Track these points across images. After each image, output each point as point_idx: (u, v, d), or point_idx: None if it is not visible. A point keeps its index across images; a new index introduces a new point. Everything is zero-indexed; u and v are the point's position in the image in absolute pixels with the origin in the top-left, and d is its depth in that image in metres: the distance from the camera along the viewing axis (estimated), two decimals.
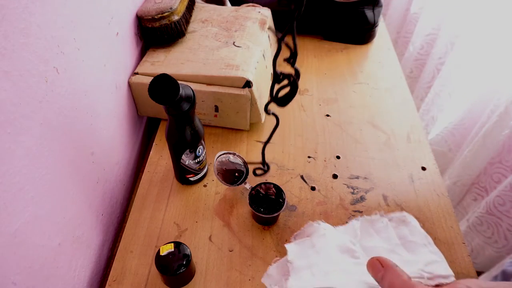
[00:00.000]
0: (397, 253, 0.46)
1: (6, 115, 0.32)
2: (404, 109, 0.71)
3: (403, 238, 0.48)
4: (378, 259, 0.35)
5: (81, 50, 0.45)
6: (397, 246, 0.47)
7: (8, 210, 0.33)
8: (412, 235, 0.48)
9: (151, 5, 0.63)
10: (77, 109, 0.45)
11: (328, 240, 0.45)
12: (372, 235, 0.48)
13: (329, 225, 0.49)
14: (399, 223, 0.49)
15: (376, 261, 0.35)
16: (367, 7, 0.82)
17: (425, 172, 0.61)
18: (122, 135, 0.61)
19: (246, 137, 0.66)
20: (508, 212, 0.74)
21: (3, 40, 0.31)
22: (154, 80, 0.42)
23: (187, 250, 0.46)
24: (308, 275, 0.41)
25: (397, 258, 0.44)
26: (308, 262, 0.43)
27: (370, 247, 0.46)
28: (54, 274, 0.42)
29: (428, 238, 0.47)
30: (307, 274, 0.41)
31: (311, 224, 0.48)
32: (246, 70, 0.60)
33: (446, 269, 0.43)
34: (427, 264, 0.43)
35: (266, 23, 0.72)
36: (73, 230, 0.46)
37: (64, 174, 0.43)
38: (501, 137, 0.78)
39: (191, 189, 0.58)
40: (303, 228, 0.50)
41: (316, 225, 0.48)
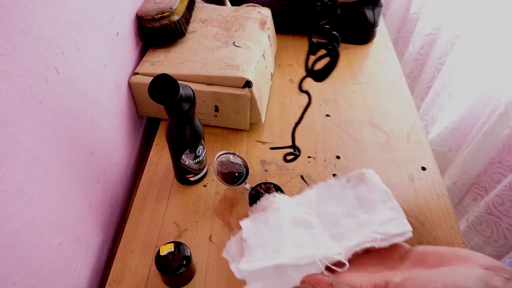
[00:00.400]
0: (354, 215, 0.44)
1: (6, 115, 0.32)
2: (404, 109, 0.71)
3: (361, 198, 0.46)
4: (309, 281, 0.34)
5: (81, 50, 0.45)
6: (354, 208, 0.45)
7: (8, 210, 0.33)
8: (371, 193, 0.45)
9: (151, 5, 0.63)
10: (77, 109, 0.45)
11: (281, 215, 0.44)
12: (329, 201, 0.46)
13: (285, 196, 0.48)
14: (358, 182, 0.47)
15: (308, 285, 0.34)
16: (367, 7, 0.82)
17: (425, 172, 0.61)
18: (122, 135, 0.61)
19: (246, 137, 0.66)
20: (507, 212, 0.74)
21: (3, 40, 0.31)
22: (154, 80, 0.42)
23: (187, 250, 0.46)
24: (261, 254, 0.40)
25: (353, 221, 0.43)
26: (261, 240, 0.42)
27: (326, 213, 0.45)
28: (54, 274, 0.42)
29: (388, 194, 0.45)
30: (260, 253, 0.40)
31: (267, 197, 0.47)
32: (246, 70, 0.60)
33: (403, 225, 0.41)
34: (382, 224, 0.41)
35: (266, 23, 0.72)
36: (73, 230, 0.46)
37: (64, 174, 0.43)
38: (501, 137, 0.78)
39: (191, 189, 0.58)
40: (259, 202, 0.48)
41: (272, 198, 0.46)
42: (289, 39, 0.85)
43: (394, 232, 0.39)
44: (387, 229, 0.40)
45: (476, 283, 0.28)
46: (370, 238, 0.39)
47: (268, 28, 0.72)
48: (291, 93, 0.74)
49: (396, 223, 0.41)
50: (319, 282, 0.33)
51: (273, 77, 0.75)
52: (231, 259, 0.42)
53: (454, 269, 0.30)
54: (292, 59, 0.81)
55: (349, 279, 0.36)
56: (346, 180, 0.48)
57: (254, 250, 0.41)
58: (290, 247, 0.40)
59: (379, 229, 0.40)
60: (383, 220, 0.42)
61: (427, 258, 0.34)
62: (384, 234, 0.40)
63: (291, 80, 0.76)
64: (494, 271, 0.28)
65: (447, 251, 0.34)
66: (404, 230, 0.40)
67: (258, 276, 0.39)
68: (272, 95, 0.73)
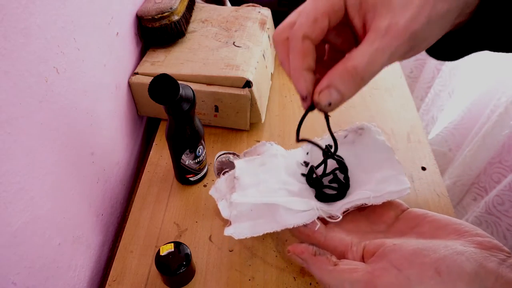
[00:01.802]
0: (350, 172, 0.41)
1: (6, 115, 0.32)
2: (404, 109, 0.71)
3: (358, 155, 0.42)
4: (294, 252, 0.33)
5: (81, 50, 0.45)
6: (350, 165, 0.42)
7: (8, 210, 0.33)
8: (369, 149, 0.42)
9: (151, 5, 0.63)
10: (77, 109, 0.45)
11: (279, 161, 0.42)
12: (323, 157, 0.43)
13: (281, 147, 0.45)
14: (356, 138, 0.43)
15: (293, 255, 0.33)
16: None
17: (425, 172, 0.61)
18: (122, 135, 0.61)
19: (246, 137, 0.66)
20: (507, 212, 0.74)
21: (3, 40, 0.31)
22: (154, 80, 0.42)
23: (187, 250, 0.46)
24: (254, 191, 0.38)
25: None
26: (256, 179, 0.40)
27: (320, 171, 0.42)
28: (54, 274, 0.42)
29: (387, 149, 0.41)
30: (253, 191, 0.38)
31: (264, 144, 0.44)
32: (246, 70, 0.60)
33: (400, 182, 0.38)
34: (378, 183, 0.38)
35: (266, 23, 0.72)
36: (73, 230, 0.46)
37: (64, 174, 0.43)
38: (501, 137, 0.78)
39: (191, 189, 0.58)
40: (254, 146, 0.45)
41: (269, 145, 0.44)
42: None
43: (390, 189, 0.37)
44: (383, 187, 0.37)
45: (468, 262, 0.26)
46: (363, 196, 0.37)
47: (268, 28, 0.72)
48: (291, 93, 0.74)
49: (393, 180, 0.38)
50: (303, 252, 0.32)
51: (273, 77, 0.75)
52: (220, 197, 0.40)
53: (447, 244, 0.28)
54: None
55: (340, 237, 0.34)
56: (344, 136, 0.44)
57: (246, 188, 0.38)
58: (285, 191, 0.38)
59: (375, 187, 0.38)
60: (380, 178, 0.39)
61: (422, 225, 0.32)
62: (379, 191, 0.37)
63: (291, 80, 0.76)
64: (489, 251, 0.27)
65: (445, 221, 0.31)
66: (401, 188, 0.37)
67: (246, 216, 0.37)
68: (272, 95, 0.73)
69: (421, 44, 0.28)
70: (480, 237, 0.28)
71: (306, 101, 0.29)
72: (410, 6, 0.25)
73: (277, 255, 0.50)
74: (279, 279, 0.48)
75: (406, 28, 0.25)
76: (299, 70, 0.29)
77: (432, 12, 0.26)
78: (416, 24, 0.26)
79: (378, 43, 0.25)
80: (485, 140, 0.81)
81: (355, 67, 0.26)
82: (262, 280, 0.48)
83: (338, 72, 0.26)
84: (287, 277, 0.48)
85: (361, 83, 0.27)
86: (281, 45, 0.30)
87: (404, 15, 0.25)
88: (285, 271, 0.49)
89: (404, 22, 0.25)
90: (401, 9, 0.25)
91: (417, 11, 0.25)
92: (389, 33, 0.25)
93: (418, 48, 0.28)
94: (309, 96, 0.29)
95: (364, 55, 0.25)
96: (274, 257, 0.50)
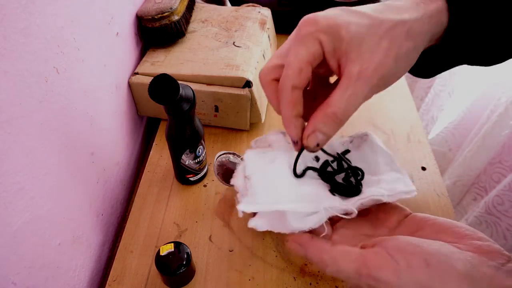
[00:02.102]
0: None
1: (6, 115, 0.32)
2: (404, 109, 0.71)
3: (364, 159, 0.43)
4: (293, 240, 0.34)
5: (81, 50, 0.45)
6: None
7: (8, 210, 0.33)
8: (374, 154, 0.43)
9: (151, 5, 0.63)
10: (77, 109, 0.45)
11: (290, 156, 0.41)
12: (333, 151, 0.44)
13: None
14: (361, 143, 0.45)
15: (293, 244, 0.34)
16: None
17: (425, 172, 0.61)
18: (122, 135, 0.61)
19: (246, 137, 0.66)
20: (507, 212, 0.74)
21: (3, 40, 0.31)
22: (154, 80, 0.42)
23: (187, 250, 0.46)
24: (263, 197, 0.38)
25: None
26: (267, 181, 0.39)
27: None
28: (54, 274, 0.42)
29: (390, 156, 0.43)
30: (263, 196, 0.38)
31: (276, 133, 0.44)
32: (246, 70, 0.60)
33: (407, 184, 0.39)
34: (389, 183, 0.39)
35: (266, 23, 0.72)
36: (73, 230, 0.46)
37: (64, 174, 0.43)
38: (501, 137, 0.78)
39: (191, 189, 0.58)
40: (265, 135, 0.45)
41: (281, 135, 0.44)
42: None
43: (401, 189, 0.38)
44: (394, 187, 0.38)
45: (461, 261, 0.26)
46: (377, 193, 0.37)
47: (268, 28, 0.72)
48: None
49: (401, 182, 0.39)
50: (301, 237, 0.34)
51: None
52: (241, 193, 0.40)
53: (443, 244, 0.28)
54: None
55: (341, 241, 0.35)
56: (350, 140, 0.45)
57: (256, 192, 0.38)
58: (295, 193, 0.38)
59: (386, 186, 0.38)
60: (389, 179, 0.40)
61: (424, 229, 0.32)
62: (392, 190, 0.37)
63: None
64: (488, 255, 0.26)
65: (446, 225, 0.31)
66: (409, 189, 0.38)
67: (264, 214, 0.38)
68: None
69: (391, 80, 0.32)
70: (480, 241, 0.28)
71: (297, 145, 0.34)
72: (377, 51, 0.29)
73: (277, 255, 0.50)
74: (279, 279, 0.48)
75: (375, 72, 0.29)
76: (289, 118, 0.32)
77: (399, 52, 0.30)
78: (384, 67, 0.29)
79: (351, 89, 0.29)
80: (485, 140, 0.81)
81: (334, 113, 0.30)
82: (262, 280, 0.48)
83: (320, 117, 0.30)
84: (287, 277, 0.48)
85: (341, 123, 0.31)
86: (267, 86, 0.34)
87: (373, 61, 0.29)
88: (285, 271, 0.49)
89: (373, 67, 0.29)
90: (369, 55, 0.29)
91: (385, 55, 0.29)
92: (360, 78, 0.29)
93: (389, 83, 0.32)
94: (299, 141, 0.33)
95: (341, 102, 0.29)
96: (274, 257, 0.50)
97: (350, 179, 0.40)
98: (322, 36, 0.30)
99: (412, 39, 0.30)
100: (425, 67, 0.39)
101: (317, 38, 0.30)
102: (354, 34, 0.29)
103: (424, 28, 0.31)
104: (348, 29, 0.29)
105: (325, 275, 0.49)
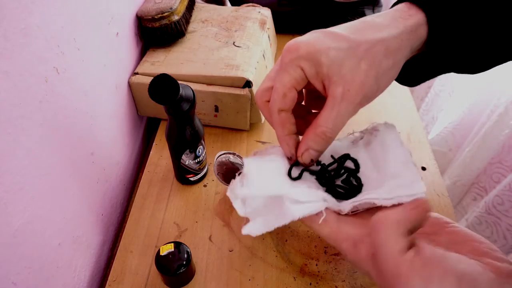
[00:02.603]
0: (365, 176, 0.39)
1: (6, 115, 0.32)
2: (404, 109, 0.71)
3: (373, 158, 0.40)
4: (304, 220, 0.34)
5: (81, 50, 0.45)
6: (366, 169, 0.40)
7: (8, 210, 0.33)
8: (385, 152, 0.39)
9: (151, 5, 0.63)
10: (77, 109, 0.45)
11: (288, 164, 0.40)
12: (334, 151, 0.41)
13: None
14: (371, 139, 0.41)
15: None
16: (367, 7, 0.82)
17: (425, 172, 0.61)
18: (122, 135, 0.61)
19: (246, 137, 0.66)
20: (507, 212, 0.74)
21: (3, 40, 0.31)
22: (154, 80, 0.42)
23: (187, 250, 0.46)
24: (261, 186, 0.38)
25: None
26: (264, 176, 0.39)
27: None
28: (54, 274, 0.42)
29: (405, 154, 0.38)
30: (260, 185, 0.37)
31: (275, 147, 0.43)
32: (246, 70, 0.60)
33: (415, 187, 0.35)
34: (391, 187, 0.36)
35: (266, 23, 0.72)
36: (73, 230, 0.46)
37: (64, 174, 0.43)
38: (501, 137, 0.78)
39: (191, 189, 0.58)
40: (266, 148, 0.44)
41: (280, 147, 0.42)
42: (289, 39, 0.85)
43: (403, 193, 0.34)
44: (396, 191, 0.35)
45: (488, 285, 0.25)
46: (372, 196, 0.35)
47: (268, 28, 0.72)
48: None
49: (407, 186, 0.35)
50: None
51: None
52: (235, 196, 0.41)
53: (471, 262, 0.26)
54: None
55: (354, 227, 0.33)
56: (360, 137, 0.43)
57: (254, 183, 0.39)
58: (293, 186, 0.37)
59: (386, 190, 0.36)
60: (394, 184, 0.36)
61: (440, 234, 0.31)
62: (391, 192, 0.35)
63: None
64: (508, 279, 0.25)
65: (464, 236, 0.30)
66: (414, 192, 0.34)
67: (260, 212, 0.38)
68: None
69: (374, 96, 0.34)
70: (499, 262, 0.27)
71: (291, 160, 0.36)
72: (358, 73, 0.31)
73: (277, 255, 0.50)
74: (279, 279, 0.48)
75: (357, 92, 0.31)
76: (282, 137, 0.35)
77: (379, 71, 0.31)
78: (366, 87, 0.31)
79: (337, 109, 0.31)
80: (485, 140, 0.81)
81: (323, 132, 0.33)
82: (262, 280, 0.48)
83: (311, 137, 0.33)
84: (287, 277, 0.48)
85: (330, 140, 0.34)
86: (262, 107, 0.36)
87: (354, 82, 0.31)
88: (285, 271, 0.49)
89: (355, 88, 0.31)
90: (351, 77, 0.31)
91: (365, 75, 0.31)
92: (344, 99, 0.31)
93: (372, 99, 0.34)
94: (293, 157, 0.36)
95: (328, 121, 0.32)
96: (274, 257, 0.50)
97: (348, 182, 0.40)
98: (303, 62, 0.32)
99: (391, 56, 0.31)
100: (410, 76, 0.40)
101: (298, 65, 0.32)
102: (333, 59, 0.31)
103: (403, 44, 0.32)
104: (328, 55, 0.31)
105: (325, 275, 0.49)
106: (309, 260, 0.50)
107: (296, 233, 0.53)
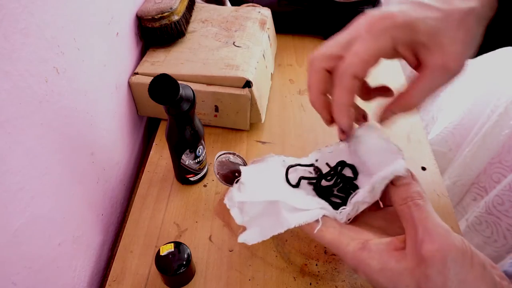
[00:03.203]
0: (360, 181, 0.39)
1: (6, 115, 0.32)
2: None
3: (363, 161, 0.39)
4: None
5: (81, 50, 0.45)
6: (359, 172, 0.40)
7: (8, 210, 0.33)
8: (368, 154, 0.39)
9: (151, 5, 0.63)
10: (77, 109, 0.45)
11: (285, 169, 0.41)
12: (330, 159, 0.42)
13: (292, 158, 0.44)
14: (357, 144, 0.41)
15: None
16: (367, 7, 0.82)
17: (425, 172, 0.61)
18: (122, 135, 0.61)
19: (246, 137, 0.66)
20: (507, 212, 0.74)
21: (3, 40, 0.31)
22: (154, 80, 0.42)
23: (187, 250, 0.46)
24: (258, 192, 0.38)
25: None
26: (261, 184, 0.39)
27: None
28: (54, 274, 0.42)
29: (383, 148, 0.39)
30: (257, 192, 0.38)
31: (273, 155, 0.44)
32: (246, 70, 0.60)
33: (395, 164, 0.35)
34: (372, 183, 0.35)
35: (266, 23, 0.72)
36: (73, 230, 0.46)
37: (64, 174, 0.43)
38: (501, 137, 0.78)
39: (191, 189, 0.58)
40: (263, 157, 0.44)
41: (277, 157, 0.44)
42: (289, 39, 0.85)
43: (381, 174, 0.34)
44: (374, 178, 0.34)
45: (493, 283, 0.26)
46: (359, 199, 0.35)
47: (268, 28, 0.72)
48: (291, 93, 0.74)
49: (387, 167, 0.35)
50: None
51: (273, 77, 0.75)
52: (232, 204, 0.41)
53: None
54: (292, 59, 0.81)
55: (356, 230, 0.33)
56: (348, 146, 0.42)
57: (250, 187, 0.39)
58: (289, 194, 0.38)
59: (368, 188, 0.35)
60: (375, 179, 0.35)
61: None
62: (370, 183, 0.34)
63: (291, 80, 0.76)
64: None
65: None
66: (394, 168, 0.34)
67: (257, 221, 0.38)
68: (272, 95, 0.73)
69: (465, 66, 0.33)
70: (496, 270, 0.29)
71: (345, 134, 0.36)
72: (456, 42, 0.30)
73: (277, 255, 0.50)
74: (279, 279, 0.48)
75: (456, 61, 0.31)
76: (345, 106, 0.34)
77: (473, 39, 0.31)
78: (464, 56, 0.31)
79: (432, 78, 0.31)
80: (485, 140, 0.81)
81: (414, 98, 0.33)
82: (262, 280, 0.48)
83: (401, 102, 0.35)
84: (287, 277, 0.48)
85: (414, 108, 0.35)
86: (316, 72, 0.34)
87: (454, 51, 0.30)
88: (285, 271, 0.49)
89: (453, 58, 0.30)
90: (450, 47, 0.30)
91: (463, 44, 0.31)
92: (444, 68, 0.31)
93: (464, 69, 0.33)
94: (349, 131, 0.35)
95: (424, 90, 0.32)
96: (274, 257, 0.50)
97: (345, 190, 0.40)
98: (397, 31, 0.31)
99: (481, 24, 0.32)
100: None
101: (391, 34, 0.31)
102: (431, 28, 0.30)
103: (487, 13, 0.32)
104: (426, 23, 0.30)
105: (325, 275, 0.49)
106: (309, 260, 0.50)
107: (296, 233, 0.53)
